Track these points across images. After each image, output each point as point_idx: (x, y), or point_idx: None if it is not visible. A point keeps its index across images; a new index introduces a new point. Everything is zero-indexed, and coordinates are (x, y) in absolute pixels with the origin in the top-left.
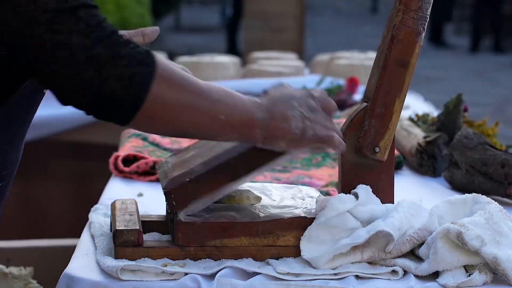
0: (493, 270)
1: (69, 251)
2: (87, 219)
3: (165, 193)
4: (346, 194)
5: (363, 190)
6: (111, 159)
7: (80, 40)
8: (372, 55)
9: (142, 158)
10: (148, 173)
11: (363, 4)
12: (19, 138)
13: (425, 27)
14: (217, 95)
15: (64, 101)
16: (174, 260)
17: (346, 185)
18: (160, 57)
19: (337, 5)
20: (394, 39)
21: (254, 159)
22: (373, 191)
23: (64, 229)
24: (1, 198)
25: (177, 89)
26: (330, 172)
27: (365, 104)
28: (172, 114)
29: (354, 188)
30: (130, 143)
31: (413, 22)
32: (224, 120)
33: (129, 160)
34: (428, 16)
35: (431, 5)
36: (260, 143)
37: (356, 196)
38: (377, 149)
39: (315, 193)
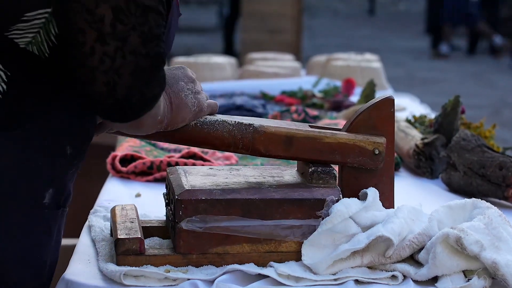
0: (492, 275)
1: (66, 250)
2: (85, 218)
3: (176, 200)
4: (348, 198)
5: (373, 193)
6: (109, 159)
7: (136, 42)
8: (369, 56)
9: (140, 158)
10: (146, 173)
11: (361, 6)
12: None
13: None
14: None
15: (80, 91)
16: (177, 267)
17: (347, 189)
18: None
19: (335, 6)
20: None
21: (268, 208)
22: None
23: None
24: (70, 188)
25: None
26: None
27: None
28: (149, 124)
29: (355, 191)
30: (128, 143)
31: None
32: (159, 120)
33: (127, 160)
34: None
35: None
36: (163, 129)
37: (364, 197)
38: (376, 151)
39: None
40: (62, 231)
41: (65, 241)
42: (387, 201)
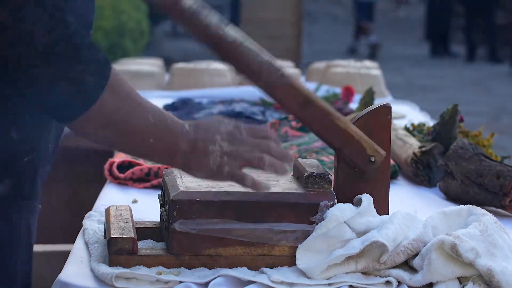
0: (487, 282)
1: (63, 256)
2: (82, 225)
3: (171, 201)
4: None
5: (367, 199)
6: (106, 165)
7: (42, 35)
8: (369, 63)
9: (137, 164)
10: (143, 179)
11: None
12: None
13: None
14: (154, 116)
15: (9, 87)
16: (169, 269)
17: (342, 196)
18: (114, 68)
19: (334, 12)
20: None
21: (262, 211)
22: None
23: (58, 234)
24: (33, 179)
25: (120, 106)
26: None
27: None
28: (108, 127)
29: (349, 198)
30: None
31: None
32: (151, 143)
33: (124, 166)
34: None
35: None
36: (180, 168)
37: (358, 203)
38: (372, 158)
39: None
40: (35, 235)
41: (60, 247)
42: (382, 208)
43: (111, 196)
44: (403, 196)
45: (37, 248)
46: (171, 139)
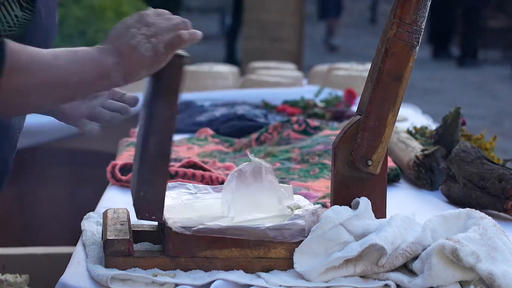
0: (489, 286)
1: (65, 259)
2: None
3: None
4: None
5: (364, 202)
6: (109, 168)
7: None
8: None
9: None
10: None
11: (362, 15)
12: None
13: (419, 40)
14: (64, 60)
15: None
16: (165, 271)
17: (339, 198)
18: (12, 43)
19: None
20: (388, 52)
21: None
22: None
23: (60, 236)
24: None
25: (26, 76)
26: (327, 184)
27: (358, 117)
28: (24, 98)
29: (346, 200)
30: (128, 152)
31: (408, 36)
32: (77, 81)
33: (127, 169)
34: (422, 30)
35: (425, 19)
36: (122, 83)
37: (356, 206)
38: (369, 162)
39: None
40: None
41: (62, 249)
42: (379, 212)
43: (113, 199)
44: (405, 199)
45: (39, 250)
46: (93, 64)
